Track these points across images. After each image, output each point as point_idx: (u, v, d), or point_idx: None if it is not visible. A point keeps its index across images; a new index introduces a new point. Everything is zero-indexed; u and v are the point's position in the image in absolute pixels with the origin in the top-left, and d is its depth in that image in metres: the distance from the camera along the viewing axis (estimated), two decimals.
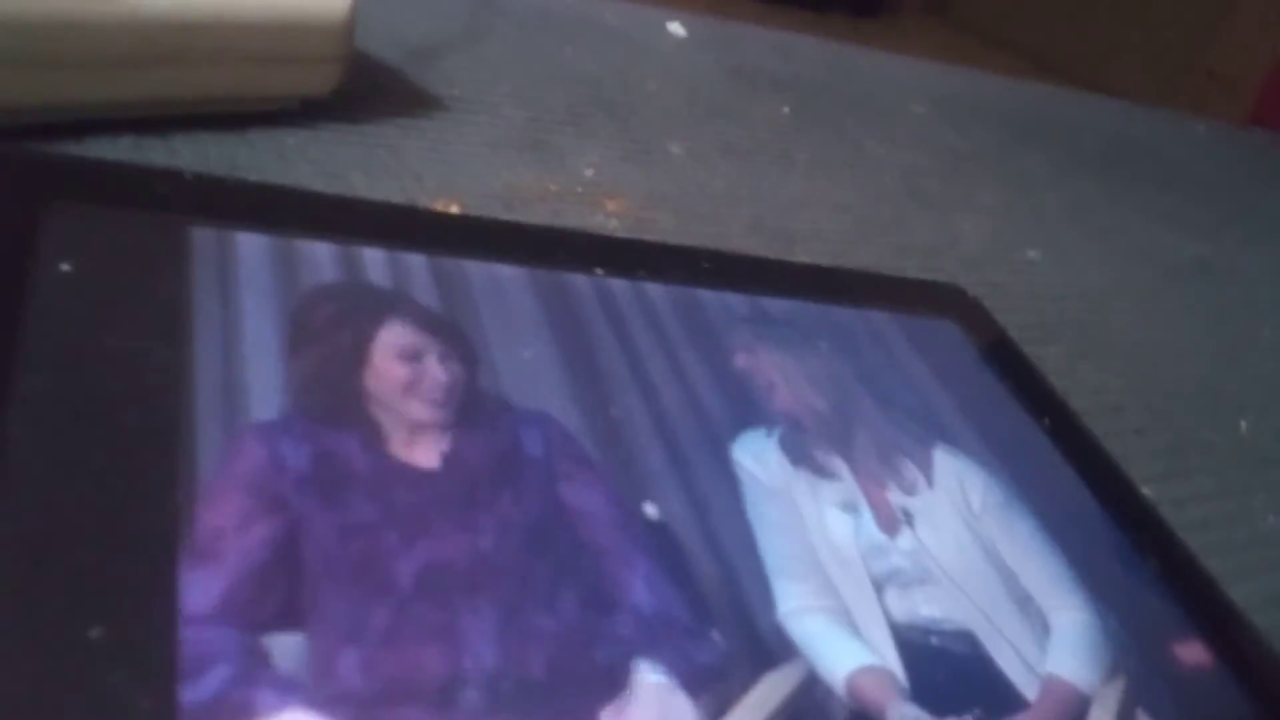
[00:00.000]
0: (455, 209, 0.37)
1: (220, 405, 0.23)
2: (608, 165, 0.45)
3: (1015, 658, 0.26)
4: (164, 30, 0.32)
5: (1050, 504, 0.32)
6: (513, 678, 0.20)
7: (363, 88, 0.41)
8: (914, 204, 0.54)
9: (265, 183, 0.33)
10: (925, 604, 0.26)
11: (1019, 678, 0.26)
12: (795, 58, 0.69)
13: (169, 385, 0.23)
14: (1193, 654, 0.30)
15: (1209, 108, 2.43)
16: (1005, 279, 0.50)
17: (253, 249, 0.28)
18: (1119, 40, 3.03)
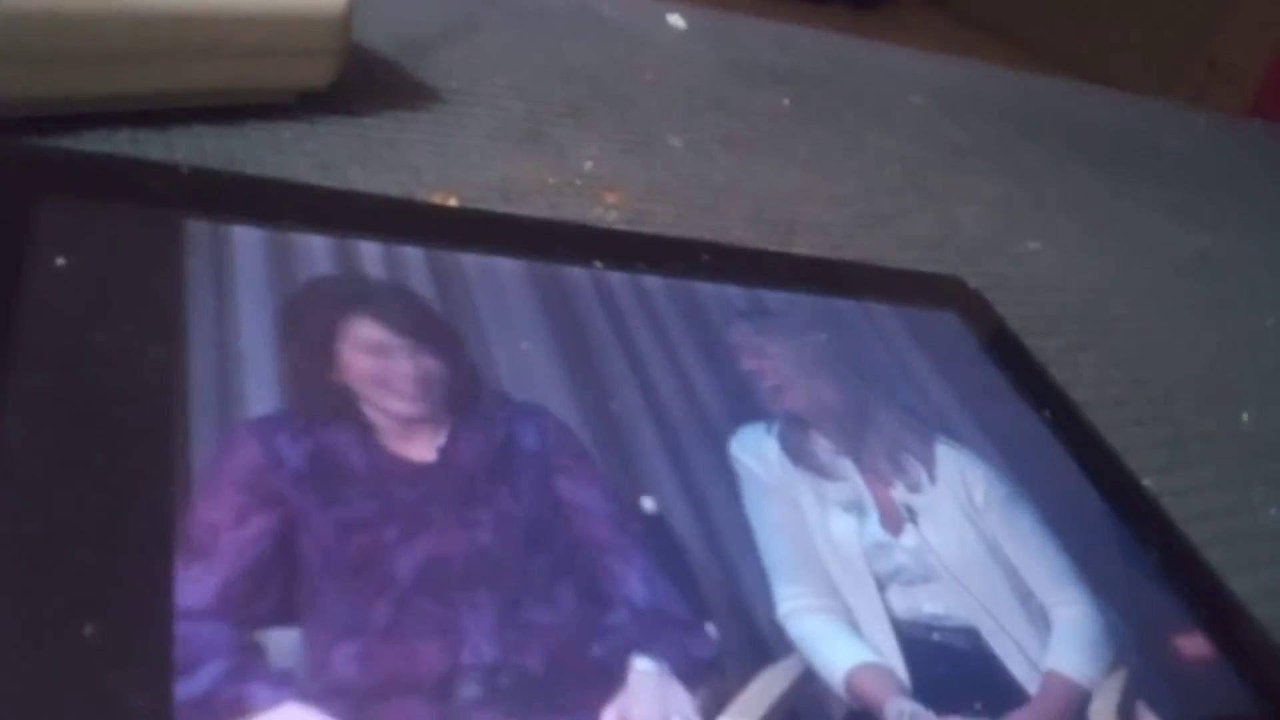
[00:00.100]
0: (453, 202, 0.37)
1: (216, 401, 0.23)
2: (607, 157, 0.45)
3: (1017, 654, 0.26)
4: (161, 23, 0.32)
5: (1051, 496, 0.32)
6: (509, 671, 0.20)
7: (360, 80, 0.41)
8: (914, 196, 0.54)
9: (262, 176, 0.33)
10: (928, 601, 0.26)
11: (1021, 673, 0.26)
12: (795, 50, 0.69)
13: (164, 381, 0.22)
14: (1193, 646, 0.30)
15: (1210, 99, 2.43)
16: (1006, 271, 0.50)
17: (249, 243, 0.27)
18: (1119, 31, 3.03)
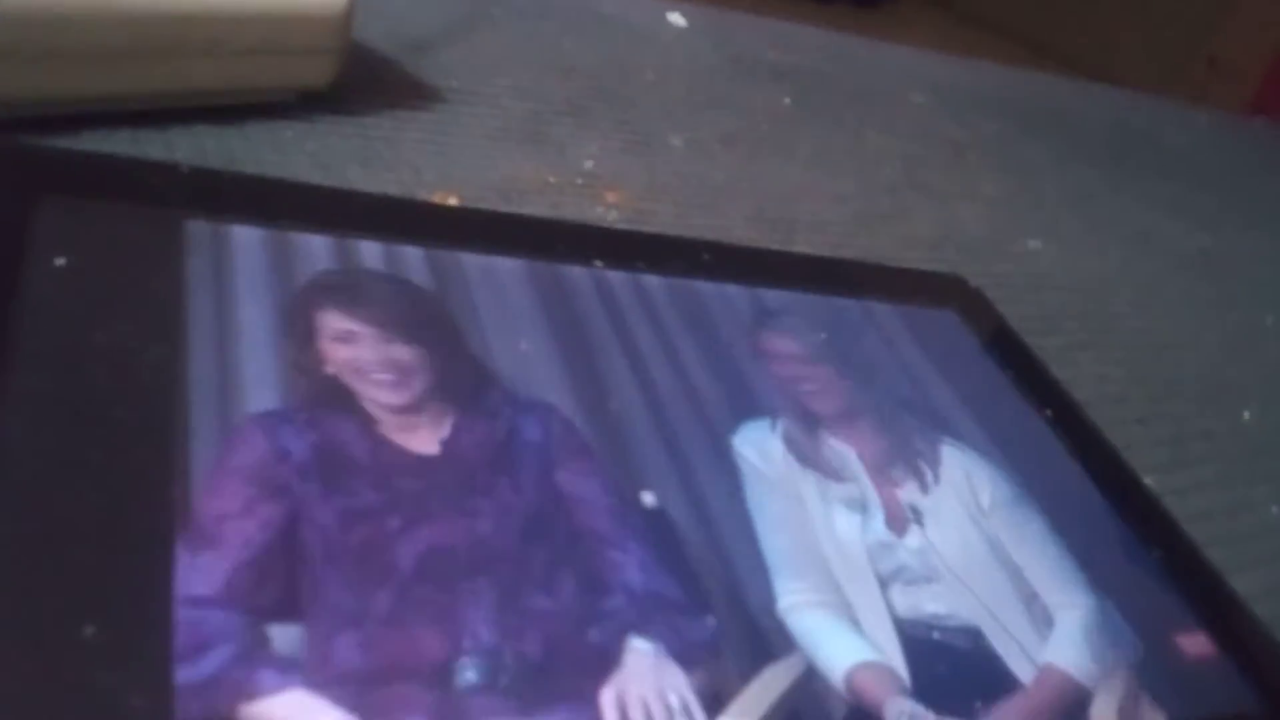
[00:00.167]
0: (453, 201, 0.37)
1: (215, 399, 0.23)
2: (607, 156, 0.45)
3: (1019, 654, 0.26)
4: (161, 23, 0.32)
5: (1052, 495, 0.32)
6: (508, 656, 0.21)
7: (360, 80, 0.41)
8: (915, 194, 0.54)
9: (262, 176, 0.33)
10: (930, 601, 0.26)
11: (1023, 674, 0.26)
12: (795, 48, 0.69)
13: (164, 379, 0.22)
14: (1195, 644, 0.30)
15: (1211, 96, 2.43)
16: (1006, 269, 0.49)
17: (249, 242, 0.27)
18: (1120, 29, 3.02)
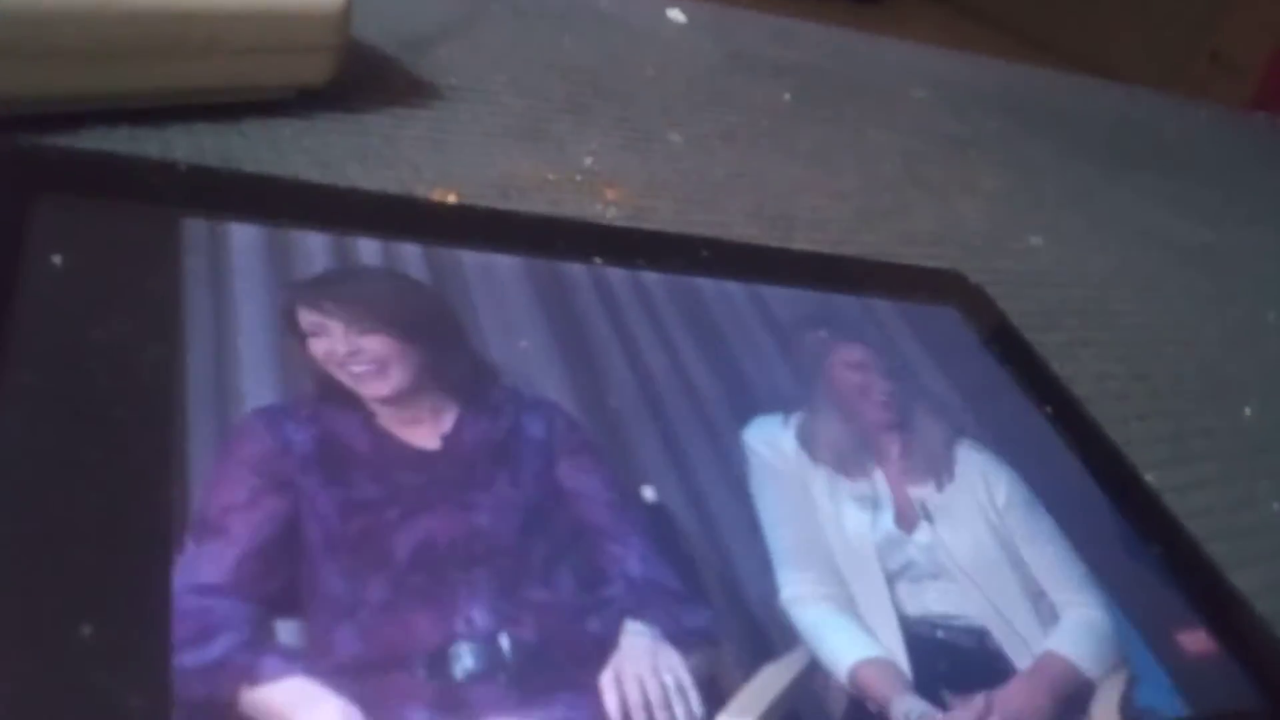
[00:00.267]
0: (452, 199, 0.37)
1: (213, 398, 0.23)
2: (606, 153, 0.45)
3: (1025, 652, 0.26)
4: (159, 20, 0.32)
5: (1053, 492, 0.32)
6: (505, 643, 0.21)
7: (359, 77, 0.41)
8: (915, 190, 0.54)
9: (260, 174, 0.33)
10: (937, 598, 0.26)
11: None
12: (795, 43, 0.69)
13: (162, 379, 0.22)
14: (1195, 641, 0.30)
15: (1212, 92, 2.42)
16: (1007, 265, 0.49)
17: (247, 240, 0.27)
18: (1121, 24, 3.02)
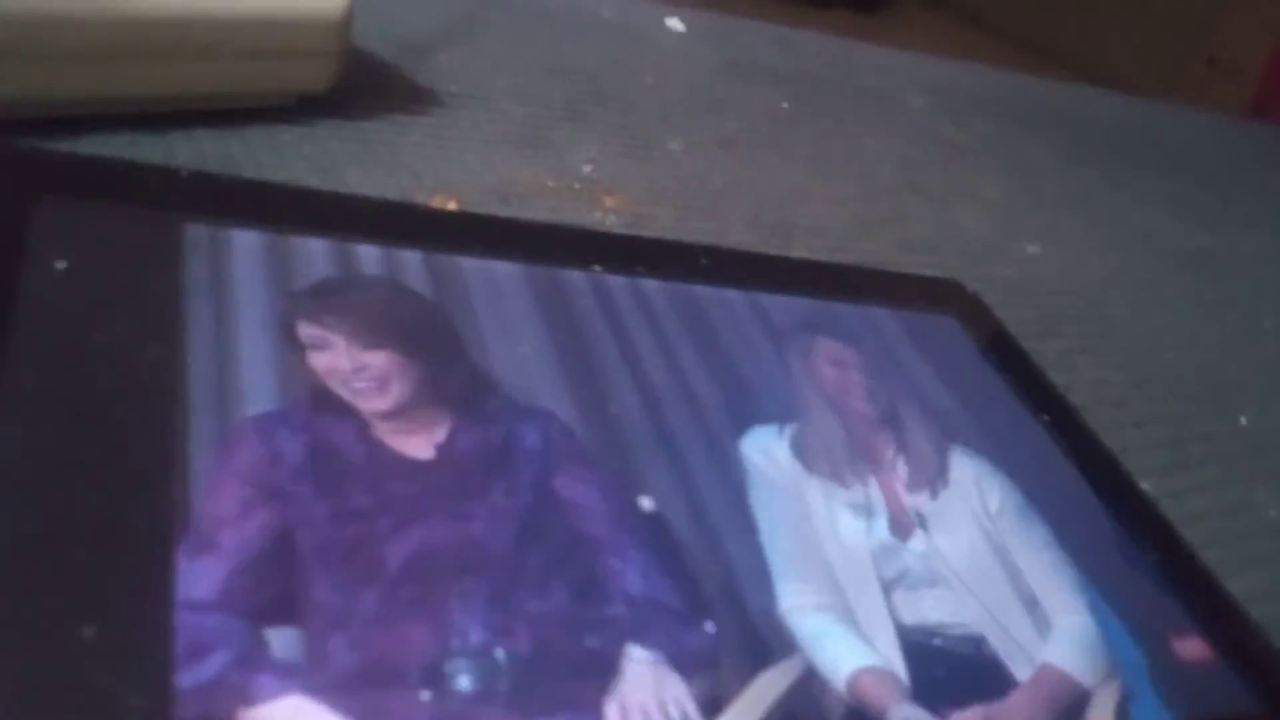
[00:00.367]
0: (452, 205, 0.37)
1: (214, 403, 0.23)
2: (606, 161, 0.45)
3: (1022, 660, 0.26)
4: (160, 25, 0.32)
5: (1050, 500, 0.32)
6: (503, 660, 0.21)
7: (359, 83, 0.41)
8: (913, 198, 0.54)
9: (261, 179, 0.33)
10: (934, 606, 0.26)
11: (1024, 679, 0.26)
12: (794, 51, 0.69)
13: (163, 383, 0.23)
14: (1192, 647, 0.30)
15: (1210, 97, 2.43)
16: (1005, 273, 0.50)
17: (248, 246, 0.28)
18: (1119, 30, 3.03)
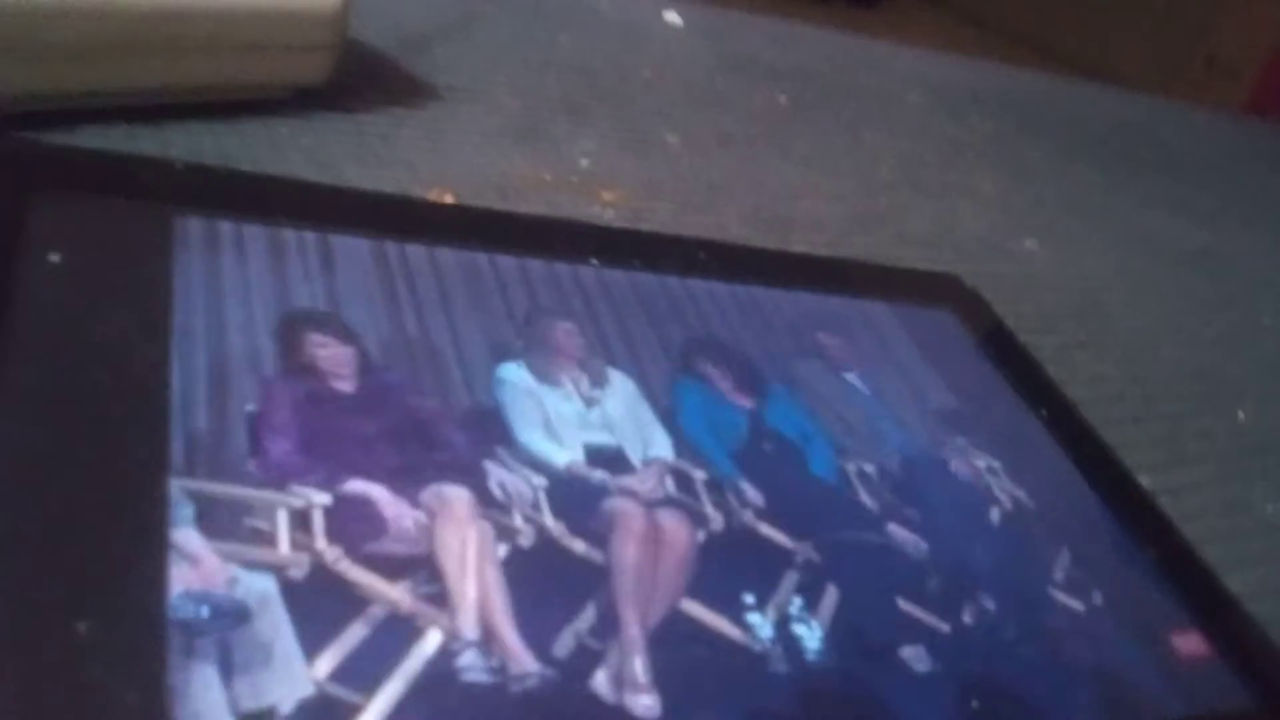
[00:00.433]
0: (449, 199, 0.37)
1: (208, 394, 0.23)
2: (603, 154, 0.45)
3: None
4: (157, 18, 0.32)
5: (1047, 494, 0.32)
6: None
7: (356, 76, 0.41)
8: (912, 193, 0.54)
9: (257, 172, 0.33)
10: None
11: None
12: (792, 47, 0.69)
13: (158, 376, 0.22)
14: (1189, 643, 0.30)
15: (1209, 95, 2.43)
16: (1003, 268, 0.50)
17: (244, 239, 0.27)
18: (1118, 28, 3.03)
